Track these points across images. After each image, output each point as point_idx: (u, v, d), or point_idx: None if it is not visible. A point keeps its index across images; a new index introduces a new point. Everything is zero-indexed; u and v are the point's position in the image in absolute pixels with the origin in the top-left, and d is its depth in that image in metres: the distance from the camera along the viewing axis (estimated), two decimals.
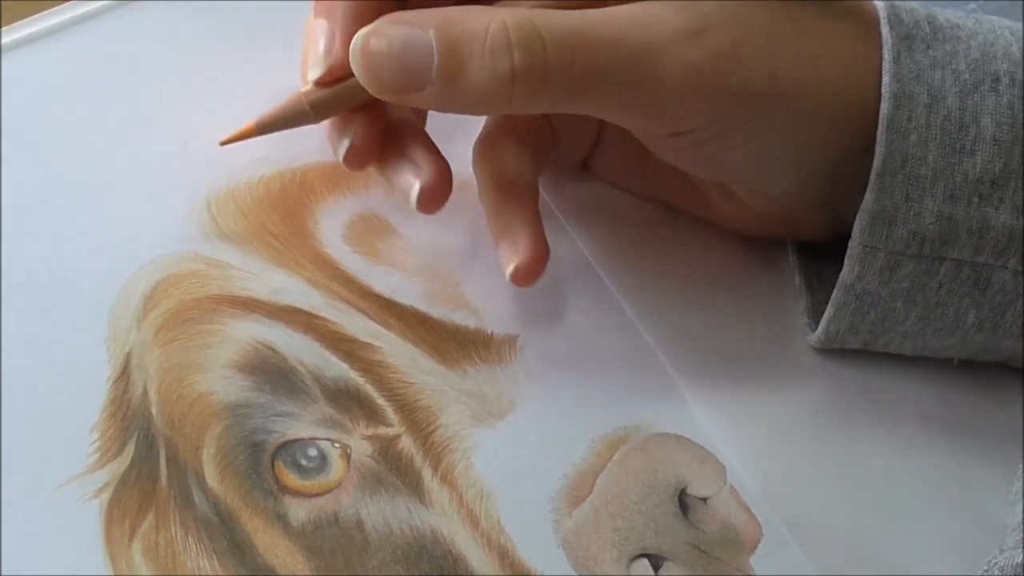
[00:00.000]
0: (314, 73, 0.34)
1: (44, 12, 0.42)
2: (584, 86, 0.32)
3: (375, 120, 0.35)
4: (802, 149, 0.35)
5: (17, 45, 0.41)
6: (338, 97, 0.34)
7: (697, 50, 0.32)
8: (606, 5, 0.34)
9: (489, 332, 0.37)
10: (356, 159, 0.35)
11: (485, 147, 0.37)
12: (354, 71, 0.33)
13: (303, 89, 0.34)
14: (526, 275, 0.35)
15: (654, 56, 0.32)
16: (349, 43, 0.32)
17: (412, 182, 0.35)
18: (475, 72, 0.32)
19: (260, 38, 0.43)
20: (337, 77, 0.34)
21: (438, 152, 0.36)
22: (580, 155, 0.40)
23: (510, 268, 0.35)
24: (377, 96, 0.33)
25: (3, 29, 0.42)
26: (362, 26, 0.32)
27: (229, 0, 0.44)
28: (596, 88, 0.32)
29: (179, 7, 0.43)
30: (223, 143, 0.36)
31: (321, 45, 0.34)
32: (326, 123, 0.35)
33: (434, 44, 0.32)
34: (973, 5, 0.47)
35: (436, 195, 0.35)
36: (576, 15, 0.32)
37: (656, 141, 0.35)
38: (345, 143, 0.35)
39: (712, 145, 0.34)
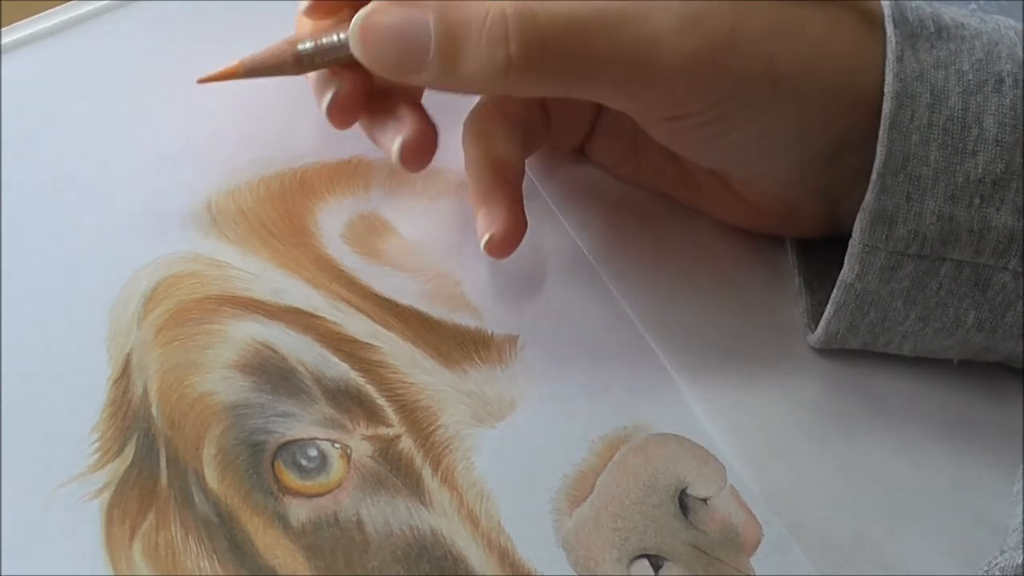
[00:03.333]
0: (303, 4, 0.34)
1: (44, 12, 0.42)
2: (582, 73, 0.33)
3: (362, 77, 0.35)
4: (799, 135, 0.35)
5: (17, 45, 0.41)
6: (324, 52, 0.35)
7: (696, 37, 0.32)
8: None
9: (489, 332, 0.37)
10: (339, 112, 0.36)
11: (475, 124, 0.37)
12: (351, 48, 0.33)
13: (289, 39, 0.35)
14: (500, 246, 0.36)
15: (653, 43, 0.32)
16: None
17: (394, 138, 0.35)
18: (471, 59, 0.32)
19: (260, 38, 0.43)
20: (326, 12, 0.35)
21: (423, 111, 0.36)
22: (575, 141, 0.40)
23: (485, 238, 0.36)
24: (374, 73, 0.34)
25: (3, 29, 0.42)
26: None
27: (229, 0, 0.44)
28: (594, 76, 0.33)
29: (179, 7, 0.43)
30: (201, 81, 0.36)
31: None
32: (312, 76, 0.36)
33: (432, 29, 0.32)
34: (973, 5, 0.47)
35: (419, 150, 0.36)
36: (577, 2, 0.32)
37: (652, 124, 0.36)
38: (328, 95, 0.35)
39: (708, 128, 0.34)
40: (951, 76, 0.33)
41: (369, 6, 0.33)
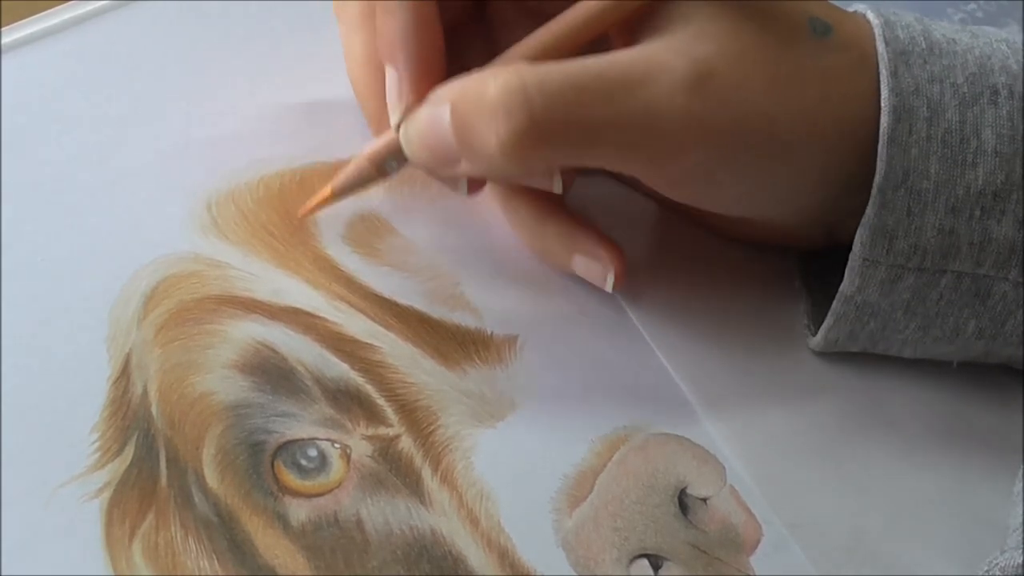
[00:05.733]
0: (394, 119, 0.34)
1: (44, 12, 0.42)
2: (585, 142, 0.32)
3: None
4: (797, 189, 0.35)
5: (17, 45, 0.41)
6: (401, 155, 0.35)
7: (700, 99, 0.32)
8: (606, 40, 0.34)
9: (489, 332, 0.37)
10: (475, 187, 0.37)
11: (518, 220, 0.38)
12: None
13: (367, 153, 0.35)
14: (624, 277, 0.36)
15: (655, 108, 0.32)
16: (416, 87, 0.33)
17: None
18: (480, 142, 0.32)
19: (260, 38, 0.43)
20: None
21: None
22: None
23: (610, 280, 0.36)
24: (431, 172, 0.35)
25: (3, 29, 0.42)
26: (423, 67, 0.34)
27: (229, 0, 0.44)
28: (597, 143, 0.32)
29: (179, 7, 0.43)
30: (303, 215, 0.37)
31: (394, 94, 0.34)
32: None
33: (449, 121, 0.32)
34: (973, 5, 0.47)
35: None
36: (577, 66, 0.32)
37: (653, 182, 0.35)
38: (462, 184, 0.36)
39: (707, 187, 0.34)
40: (946, 90, 0.33)
41: (409, 112, 0.34)
